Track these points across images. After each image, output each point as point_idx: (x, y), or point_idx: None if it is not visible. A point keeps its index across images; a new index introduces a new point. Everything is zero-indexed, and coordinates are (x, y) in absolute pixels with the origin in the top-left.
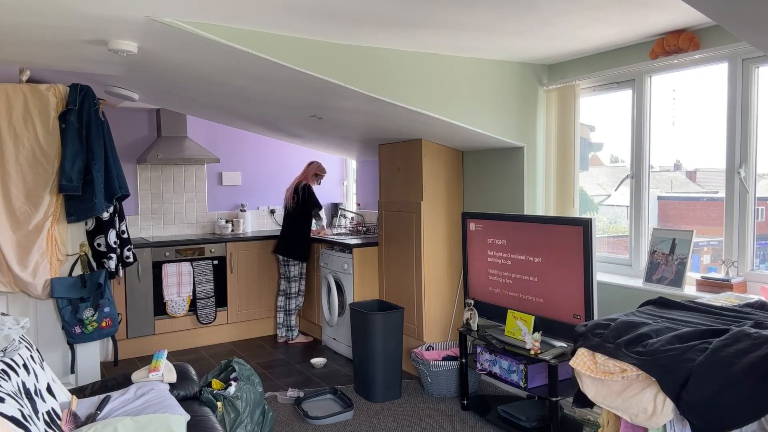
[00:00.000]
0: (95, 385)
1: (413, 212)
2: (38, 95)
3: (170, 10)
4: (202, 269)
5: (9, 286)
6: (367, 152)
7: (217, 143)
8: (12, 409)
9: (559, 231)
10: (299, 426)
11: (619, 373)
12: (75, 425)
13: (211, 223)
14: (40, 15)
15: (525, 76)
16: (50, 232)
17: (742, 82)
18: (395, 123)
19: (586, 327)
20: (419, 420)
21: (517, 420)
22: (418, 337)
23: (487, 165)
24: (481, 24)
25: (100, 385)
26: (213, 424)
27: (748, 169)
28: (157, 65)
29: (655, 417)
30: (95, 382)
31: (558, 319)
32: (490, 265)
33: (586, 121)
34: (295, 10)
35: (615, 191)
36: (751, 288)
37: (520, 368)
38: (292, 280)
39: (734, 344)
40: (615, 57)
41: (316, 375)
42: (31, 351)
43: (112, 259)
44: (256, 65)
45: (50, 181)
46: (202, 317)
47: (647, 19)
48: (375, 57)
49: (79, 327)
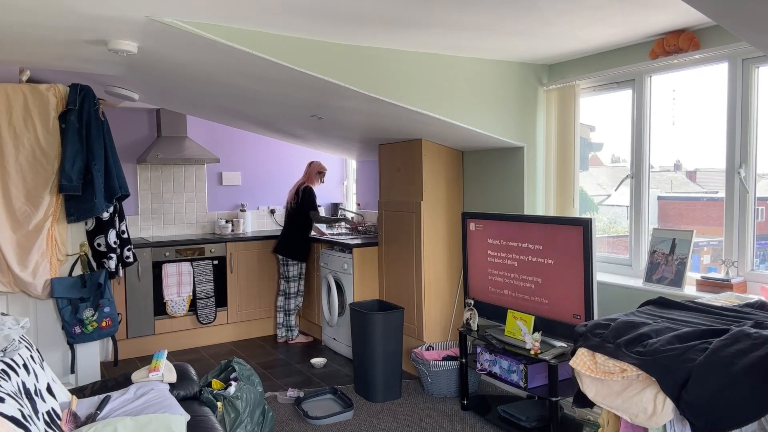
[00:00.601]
0: (95, 385)
1: (413, 212)
2: (38, 95)
3: (170, 10)
4: (202, 269)
5: (9, 286)
6: (367, 152)
7: (217, 143)
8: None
9: (559, 231)
10: (299, 426)
11: (619, 373)
12: (75, 425)
13: (211, 223)
14: (40, 15)
15: (525, 76)
16: (50, 232)
17: (742, 82)
18: (395, 123)
19: (586, 327)
20: (419, 420)
21: (517, 420)
22: (418, 337)
23: (487, 165)
24: (481, 24)
25: (100, 385)
26: (213, 424)
27: (748, 169)
28: (157, 65)
29: (655, 417)
30: (95, 382)
31: (558, 319)
32: (490, 265)
33: (586, 121)
34: (295, 10)
35: (615, 191)
36: (751, 288)
37: (520, 368)
38: (291, 280)
39: (734, 344)
40: (615, 57)
41: (316, 375)
42: (31, 351)
43: (112, 259)
44: (256, 65)
45: (50, 181)
46: (202, 317)
47: (647, 19)
48: (375, 57)
49: (79, 327)
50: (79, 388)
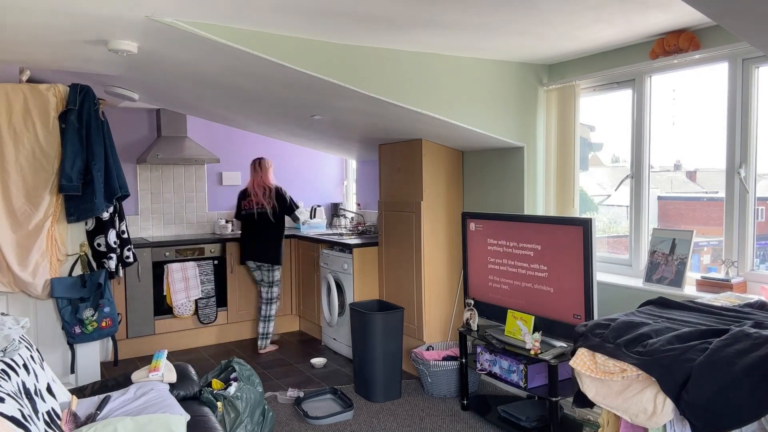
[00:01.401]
0: (95, 385)
1: (413, 212)
2: (38, 95)
3: (170, 10)
4: (203, 269)
5: (9, 286)
6: (367, 152)
7: (217, 143)
8: (12, 409)
9: (559, 231)
10: (299, 426)
11: (619, 373)
12: (75, 425)
13: (211, 223)
14: (40, 15)
15: (525, 76)
16: (50, 232)
17: (742, 82)
18: (395, 123)
19: (586, 327)
20: (419, 420)
21: (517, 420)
22: (418, 337)
23: (487, 165)
24: (481, 24)
25: (100, 385)
26: (213, 424)
27: (748, 169)
28: (157, 65)
29: (655, 417)
30: (95, 382)
31: (558, 319)
32: (490, 265)
33: (586, 121)
34: (295, 10)
35: (615, 191)
36: (751, 288)
37: (520, 368)
38: (275, 284)
39: (734, 344)
40: (615, 57)
41: (316, 375)
42: (31, 351)
43: (112, 259)
44: (256, 65)
45: (50, 181)
46: (203, 317)
47: (647, 19)
48: (375, 57)
49: (79, 327)
50: (79, 388)
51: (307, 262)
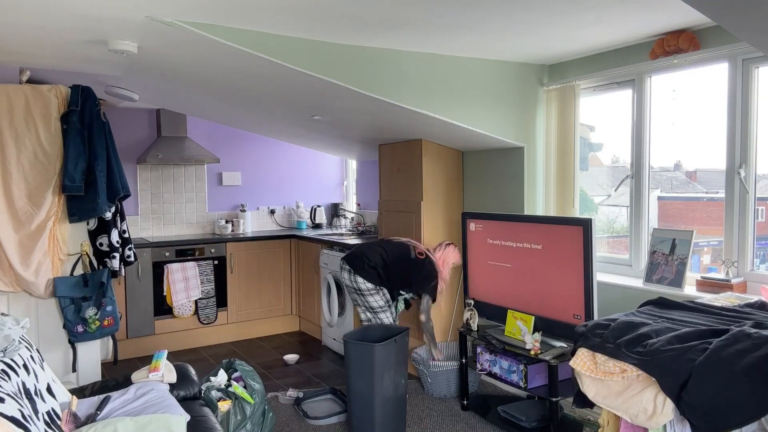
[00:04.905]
0: (95, 385)
1: (413, 212)
2: (40, 96)
3: (170, 10)
4: (203, 269)
5: (11, 286)
6: (367, 152)
7: (217, 143)
8: (12, 410)
9: (559, 231)
10: (299, 426)
11: (619, 373)
12: (75, 425)
13: (211, 223)
14: (41, 15)
15: (525, 76)
16: (52, 231)
17: (742, 82)
18: (395, 123)
19: (586, 327)
20: (419, 420)
21: (517, 420)
22: (418, 337)
23: (487, 165)
24: (481, 24)
25: (100, 385)
26: (213, 424)
27: (748, 169)
28: (157, 65)
29: (655, 417)
30: (95, 382)
31: (558, 319)
32: (490, 265)
33: (586, 121)
34: (295, 10)
35: (615, 191)
36: (751, 288)
37: (520, 368)
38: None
39: (734, 344)
40: (615, 57)
41: (316, 375)
42: (31, 351)
43: (115, 258)
44: (256, 65)
45: (52, 181)
46: (203, 317)
47: (647, 19)
48: (375, 57)
49: (82, 326)
50: (79, 388)
51: (307, 262)
